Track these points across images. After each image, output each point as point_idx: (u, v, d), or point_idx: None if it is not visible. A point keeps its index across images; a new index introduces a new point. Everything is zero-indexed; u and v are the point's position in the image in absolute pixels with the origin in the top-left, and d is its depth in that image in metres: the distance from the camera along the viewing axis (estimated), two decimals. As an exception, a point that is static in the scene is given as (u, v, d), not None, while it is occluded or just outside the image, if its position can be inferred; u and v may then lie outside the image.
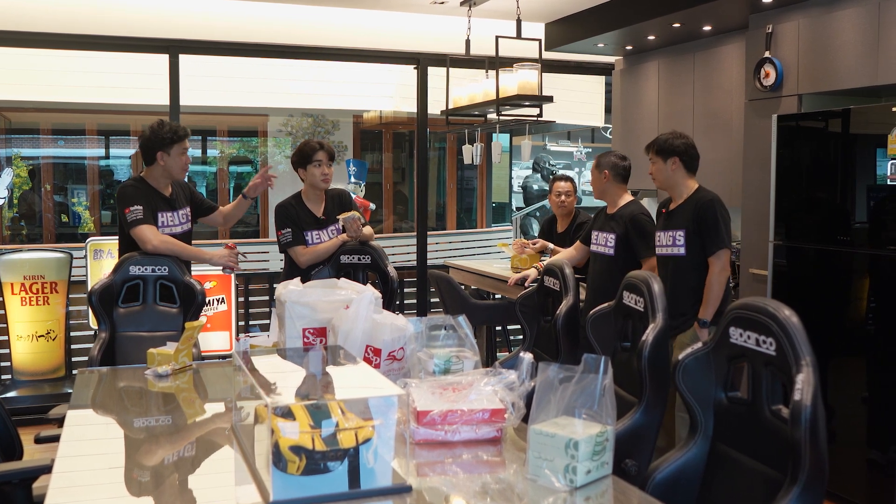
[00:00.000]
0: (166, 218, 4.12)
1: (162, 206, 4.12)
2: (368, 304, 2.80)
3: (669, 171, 4.00)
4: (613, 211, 4.49)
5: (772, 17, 4.82)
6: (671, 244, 3.98)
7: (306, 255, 4.42)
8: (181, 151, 4.09)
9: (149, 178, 4.14)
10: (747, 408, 2.04)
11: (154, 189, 4.12)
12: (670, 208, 4.06)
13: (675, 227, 3.97)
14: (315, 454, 1.89)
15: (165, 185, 4.16)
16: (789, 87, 4.69)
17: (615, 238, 4.39)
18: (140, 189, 4.08)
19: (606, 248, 4.43)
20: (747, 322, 2.01)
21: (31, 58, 8.73)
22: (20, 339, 5.89)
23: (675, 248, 3.95)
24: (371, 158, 13.23)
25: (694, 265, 3.90)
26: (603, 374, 2.05)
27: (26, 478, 2.34)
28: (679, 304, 3.85)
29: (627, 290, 2.78)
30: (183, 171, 4.15)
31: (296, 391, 2.23)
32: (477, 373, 2.49)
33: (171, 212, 4.15)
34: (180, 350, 3.21)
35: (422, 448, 2.29)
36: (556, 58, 6.69)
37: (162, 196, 4.14)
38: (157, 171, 4.11)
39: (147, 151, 4.10)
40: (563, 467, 1.98)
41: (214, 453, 2.39)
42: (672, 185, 4.03)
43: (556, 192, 5.54)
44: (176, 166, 4.09)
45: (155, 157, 4.07)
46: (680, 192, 4.02)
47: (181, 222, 4.20)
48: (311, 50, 6.36)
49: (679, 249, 3.93)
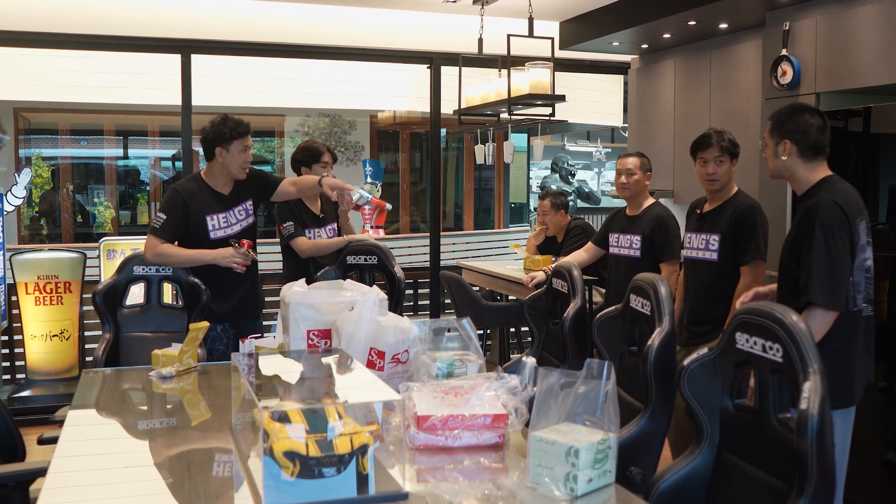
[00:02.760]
0: (217, 220, 3.95)
1: (214, 206, 3.95)
2: (373, 305, 2.76)
3: (731, 173, 3.83)
4: (637, 212, 4.42)
5: (789, 14, 4.74)
6: (703, 248, 3.80)
7: (308, 246, 4.45)
8: (241, 148, 3.91)
9: (207, 176, 3.98)
10: (754, 416, 1.98)
11: (209, 187, 3.97)
12: (705, 210, 3.89)
13: (709, 231, 3.79)
14: (309, 460, 1.86)
15: (225, 182, 3.99)
16: (807, 86, 4.61)
17: (641, 239, 4.32)
18: (180, 197, 3.91)
19: (632, 250, 4.35)
20: (753, 327, 1.95)
21: (49, 59, 8.79)
22: (34, 339, 5.92)
23: (708, 252, 3.78)
24: (387, 158, 13.21)
25: (726, 272, 3.71)
26: (606, 380, 2.00)
27: (23, 480, 2.33)
28: (706, 310, 3.73)
29: (634, 294, 2.72)
30: (243, 170, 3.95)
31: (294, 395, 2.20)
32: (479, 377, 2.45)
33: (226, 212, 3.97)
34: (185, 351, 3.19)
35: (422, 454, 2.25)
36: (570, 57, 6.63)
37: (217, 195, 3.97)
38: (216, 167, 3.95)
39: (207, 147, 3.93)
40: (564, 475, 1.93)
41: (215, 456, 2.36)
42: (723, 185, 3.84)
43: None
44: (235, 164, 3.91)
45: (214, 153, 3.91)
46: (725, 194, 3.84)
47: (238, 220, 4.01)
48: (323, 49, 6.34)
49: (712, 255, 3.76)
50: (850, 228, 2.84)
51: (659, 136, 6.24)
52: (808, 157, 2.98)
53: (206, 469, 2.26)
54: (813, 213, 2.85)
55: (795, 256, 2.90)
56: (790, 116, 3.01)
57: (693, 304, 3.85)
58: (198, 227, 3.91)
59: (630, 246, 4.36)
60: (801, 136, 2.97)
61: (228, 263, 3.86)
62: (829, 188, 2.92)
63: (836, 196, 2.88)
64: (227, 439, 2.43)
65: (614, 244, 4.49)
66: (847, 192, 2.94)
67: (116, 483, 2.12)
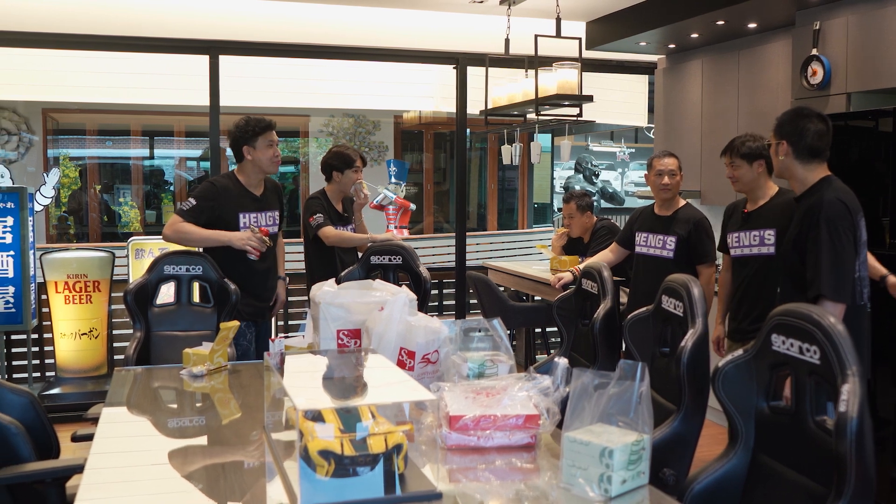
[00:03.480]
0: (249, 219, 4.10)
1: (248, 205, 4.10)
2: (403, 305, 2.77)
3: (755, 174, 3.86)
4: (669, 213, 4.40)
5: (819, 13, 4.70)
6: (758, 244, 3.82)
7: (334, 234, 4.61)
8: (267, 143, 4.07)
9: (240, 175, 4.15)
10: (790, 418, 1.96)
11: (242, 187, 4.11)
12: (749, 209, 3.93)
13: (763, 226, 3.81)
14: (344, 459, 1.86)
15: (258, 182, 4.15)
16: (838, 86, 4.56)
17: (676, 240, 4.30)
18: (216, 189, 4.07)
19: (665, 250, 4.33)
20: (790, 329, 1.94)
21: (77, 60, 8.87)
22: (63, 337, 5.98)
23: (764, 247, 3.80)
24: (411, 158, 13.23)
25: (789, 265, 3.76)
26: (640, 381, 1.99)
27: (59, 476, 2.35)
28: (760, 306, 3.73)
29: (666, 294, 2.71)
30: (273, 164, 4.11)
31: (327, 394, 2.21)
32: (511, 377, 2.45)
33: (258, 213, 4.13)
34: (215, 350, 3.21)
35: (454, 454, 2.25)
36: (596, 57, 6.61)
37: (251, 195, 4.13)
38: (247, 167, 4.11)
39: (235, 148, 4.11)
40: (598, 476, 1.93)
41: (247, 455, 2.37)
42: (755, 187, 3.88)
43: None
44: (265, 158, 4.07)
45: (242, 153, 4.08)
46: (763, 194, 3.88)
47: (267, 224, 4.17)
48: (350, 50, 6.36)
49: (769, 248, 3.77)
50: (853, 224, 3.03)
51: (686, 136, 6.21)
52: (803, 159, 3.19)
53: (240, 467, 2.28)
54: (817, 209, 3.03)
55: (799, 252, 3.08)
56: (791, 120, 3.25)
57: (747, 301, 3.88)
58: (229, 222, 4.04)
59: (662, 246, 4.34)
60: (797, 139, 3.19)
61: (243, 245, 3.95)
62: (830, 186, 3.12)
63: (839, 193, 3.07)
64: (259, 438, 2.44)
65: (642, 244, 4.46)
66: (847, 190, 3.12)
67: (152, 479, 2.15)
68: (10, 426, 2.34)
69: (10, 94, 9.60)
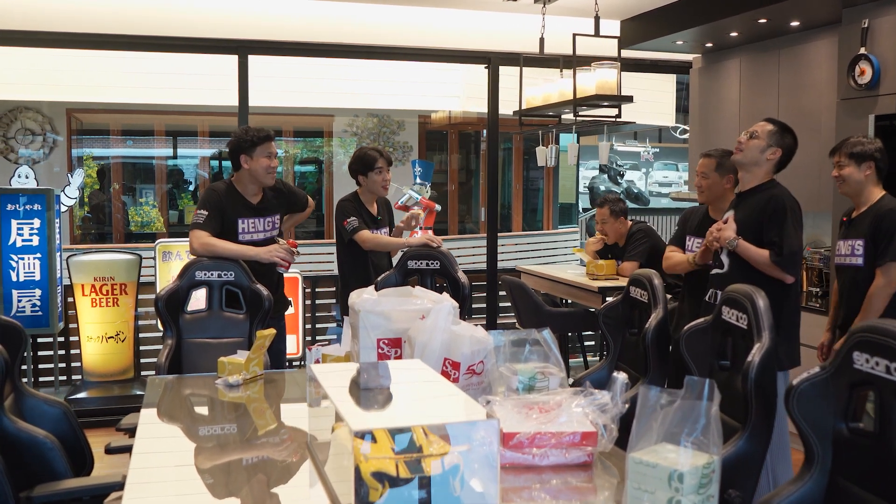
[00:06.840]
0: (247, 224, 4.09)
1: (244, 211, 4.09)
2: (447, 314, 2.66)
3: (862, 177, 3.75)
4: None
5: (868, 11, 4.55)
6: (850, 254, 3.77)
7: (370, 238, 4.55)
8: (265, 154, 4.03)
9: (237, 183, 4.12)
10: (874, 441, 1.84)
11: (239, 194, 4.09)
12: (852, 217, 3.85)
13: (855, 237, 3.75)
14: (399, 481, 1.76)
15: (255, 190, 4.13)
16: (887, 86, 4.42)
17: None
18: (217, 194, 4.07)
19: None
20: (875, 347, 1.81)
21: (102, 60, 8.85)
22: (90, 341, 5.92)
23: (854, 258, 3.74)
24: (436, 159, 13.13)
25: (872, 277, 3.67)
26: (709, 400, 1.87)
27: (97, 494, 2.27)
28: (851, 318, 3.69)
29: (728, 306, 2.59)
30: (268, 175, 4.08)
31: (376, 412, 2.10)
32: (565, 392, 2.33)
33: (255, 219, 4.11)
34: (251, 359, 3.13)
35: (507, 472, 2.15)
36: (630, 56, 6.48)
37: (246, 203, 4.11)
38: (244, 175, 4.08)
39: (233, 156, 4.08)
40: (667, 500, 1.81)
41: (291, 470, 2.28)
42: (860, 191, 3.77)
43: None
44: (260, 169, 4.03)
45: (240, 162, 4.05)
46: (866, 199, 3.77)
47: (265, 229, 4.16)
48: (380, 49, 6.27)
49: (858, 260, 3.72)
50: None
51: (723, 137, 6.06)
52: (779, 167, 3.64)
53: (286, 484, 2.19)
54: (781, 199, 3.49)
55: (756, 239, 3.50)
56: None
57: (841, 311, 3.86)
58: (229, 228, 4.04)
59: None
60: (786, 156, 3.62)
61: (272, 258, 3.99)
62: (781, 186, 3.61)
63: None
64: (303, 452, 2.35)
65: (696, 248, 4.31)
66: None
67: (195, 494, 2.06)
68: (46, 441, 2.26)
69: (35, 94, 9.59)
